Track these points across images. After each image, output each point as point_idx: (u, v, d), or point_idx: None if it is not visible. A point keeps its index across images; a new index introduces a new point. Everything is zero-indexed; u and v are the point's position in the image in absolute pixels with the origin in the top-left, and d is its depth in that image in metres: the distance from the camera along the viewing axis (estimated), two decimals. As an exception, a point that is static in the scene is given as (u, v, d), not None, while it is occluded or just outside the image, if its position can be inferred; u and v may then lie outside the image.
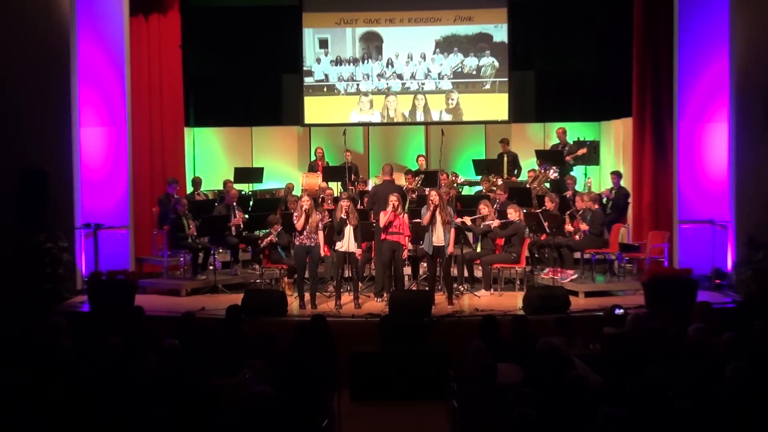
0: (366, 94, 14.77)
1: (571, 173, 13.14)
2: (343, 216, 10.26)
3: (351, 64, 14.76)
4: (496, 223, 11.16)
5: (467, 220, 11.16)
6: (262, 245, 11.29)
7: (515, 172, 13.65)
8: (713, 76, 11.68)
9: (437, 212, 10.32)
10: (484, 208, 11.27)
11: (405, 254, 10.69)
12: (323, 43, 14.74)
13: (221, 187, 13.05)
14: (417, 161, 13.93)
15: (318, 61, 14.74)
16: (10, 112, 11.03)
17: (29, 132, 11.09)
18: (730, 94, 11.39)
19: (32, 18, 11.09)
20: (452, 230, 10.45)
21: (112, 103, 12.13)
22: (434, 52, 14.70)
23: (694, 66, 11.80)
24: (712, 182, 11.76)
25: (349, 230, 10.33)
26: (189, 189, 13.05)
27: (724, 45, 11.43)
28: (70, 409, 5.95)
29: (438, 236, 10.35)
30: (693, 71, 11.81)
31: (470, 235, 11.51)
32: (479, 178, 13.47)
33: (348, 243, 10.34)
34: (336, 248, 10.43)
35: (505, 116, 14.61)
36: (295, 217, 10.41)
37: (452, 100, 14.69)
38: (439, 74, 14.70)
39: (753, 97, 11.11)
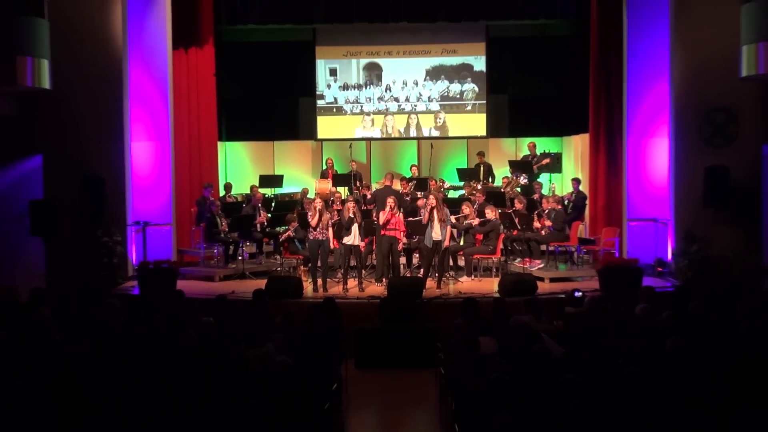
0: (368, 114, 14.73)
1: (538, 179, 13.13)
2: (350, 215, 10.26)
3: (356, 89, 14.72)
4: (476, 221, 11.15)
5: (452, 218, 11.15)
6: (281, 239, 11.29)
7: (490, 178, 13.63)
8: (656, 99, 11.68)
9: (435, 212, 10.30)
10: (466, 209, 11.27)
11: (401, 246, 10.68)
12: (333, 72, 14.71)
13: (248, 191, 13.02)
14: (410, 170, 13.90)
15: (328, 86, 14.71)
16: (74, 128, 11.08)
17: (89, 145, 11.13)
18: (670, 114, 11.39)
19: (92, 50, 11.15)
20: (448, 227, 10.43)
21: (158, 121, 12.12)
22: (425, 79, 14.66)
23: (640, 90, 11.82)
24: (654, 187, 11.76)
25: (355, 227, 10.33)
26: (221, 192, 13.02)
27: (665, 73, 11.43)
28: (121, 377, 5.95)
29: (436, 232, 10.34)
30: (639, 94, 11.82)
31: (455, 231, 11.50)
32: (462, 183, 13.45)
33: (354, 238, 10.34)
34: (343, 242, 10.43)
35: (483, 132, 14.58)
36: (309, 216, 10.40)
37: (440, 119, 14.66)
38: (429, 97, 14.67)
39: (689, 117, 11.14)
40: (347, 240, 10.38)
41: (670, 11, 11.22)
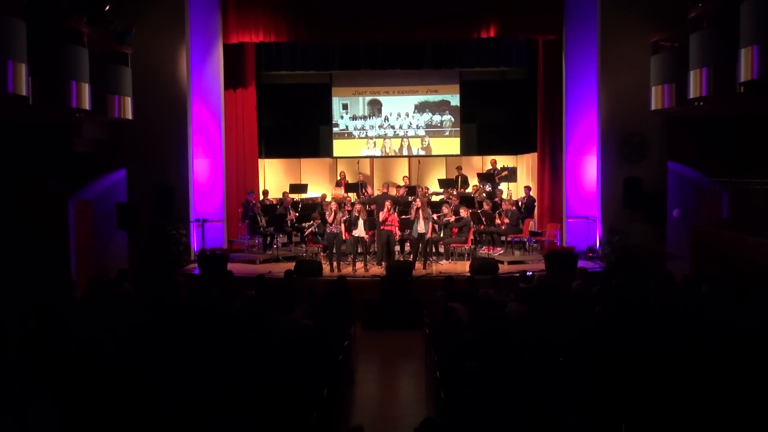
0: (371, 138, 14.68)
1: (499, 187, 13.10)
2: (357, 214, 10.24)
3: (362, 119, 14.67)
4: (452, 218, 11.12)
5: (434, 216, 11.12)
6: (307, 232, 11.27)
7: (465, 187, 13.59)
8: (587, 125, 11.66)
9: (420, 211, 10.31)
10: (445, 209, 11.22)
11: (397, 238, 10.64)
12: (345, 106, 14.66)
13: (281, 196, 12.99)
14: (402, 180, 13.86)
15: (341, 117, 14.65)
16: (150, 148, 11.04)
17: (162, 161, 11.09)
18: (598, 137, 11.37)
19: (164, 90, 11.11)
20: (430, 223, 10.42)
21: (213, 143, 12.09)
22: (414, 112, 14.60)
23: (575, 118, 11.80)
24: (587, 192, 11.74)
25: (361, 223, 10.31)
26: (261, 197, 12.98)
27: (594, 106, 11.41)
28: (186, 337, 5.93)
29: (421, 226, 10.33)
30: (575, 122, 11.80)
31: (436, 226, 11.47)
32: (442, 190, 13.42)
33: (361, 231, 10.32)
34: (353, 234, 10.41)
35: (458, 152, 14.52)
36: (327, 215, 10.40)
37: (425, 142, 14.61)
38: (417, 126, 14.61)
39: (612, 140, 11.12)
40: (356, 233, 10.37)
41: (597, 60, 11.21)
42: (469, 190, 13.49)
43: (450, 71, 14.06)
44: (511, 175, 13.35)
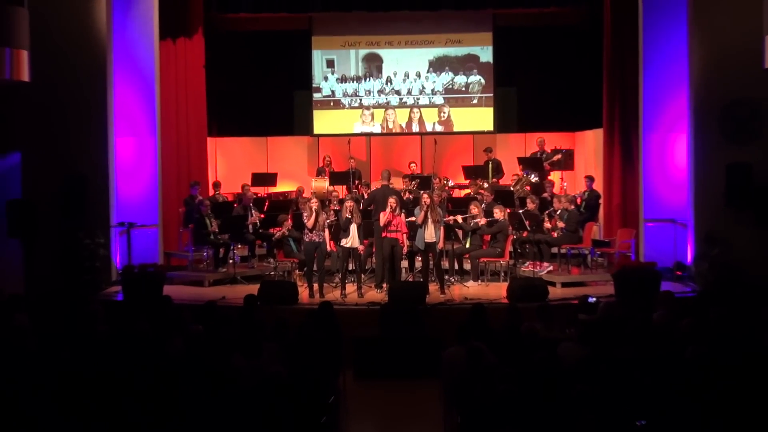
0: (368, 107, 14.72)
1: (549, 177, 13.11)
2: (348, 216, 10.24)
3: (355, 82, 14.71)
4: (483, 221, 11.12)
5: (459, 218, 11.13)
6: (275, 239, 11.27)
7: (499, 176, 13.60)
8: (674, 91, 11.64)
9: (428, 212, 10.28)
10: (474, 209, 11.24)
11: (404, 250, 10.62)
12: (330, 63, 14.70)
13: (239, 190, 13.01)
14: (409, 167, 13.89)
15: (325, 78, 14.69)
16: (54, 124, 11.02)
17: (70, 141, 11.08)
18: (689, 109, 11.34)
19: (74, 41, 11.08)
20: (441, 228, 10.41)
21: (144, 115, 12.09)
22: (428, 71, 14.65)
23: (657, 82, 11.79)
24: (673, 185, 11.73)
25: (353, 228, 10.31)
26: (211, 191, 12.99)
27: (684, 64, 11.38)
28: (104, 388, 5.90)
29: (429, 233, 10.31)
30: (656, 86, 11.79)
31: (460, 232, 11.47)
32: (467, 182, 13.42)
33: (352, 240, 10.31)
34: (341, 244, 10.40)
35: (490, 127, 14.57)
36: (305, 217, 10.38)
37: (444, 113, 14.64)
38: (433, 90, 14.66)
39: (709, 112, 11.09)
40: (345, 242, 10.35)
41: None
42: (507, 181, 13.51)
43: (479, 13, 14.11)
44: (565, 160, 13.37)
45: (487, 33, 14.41)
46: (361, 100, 14.72)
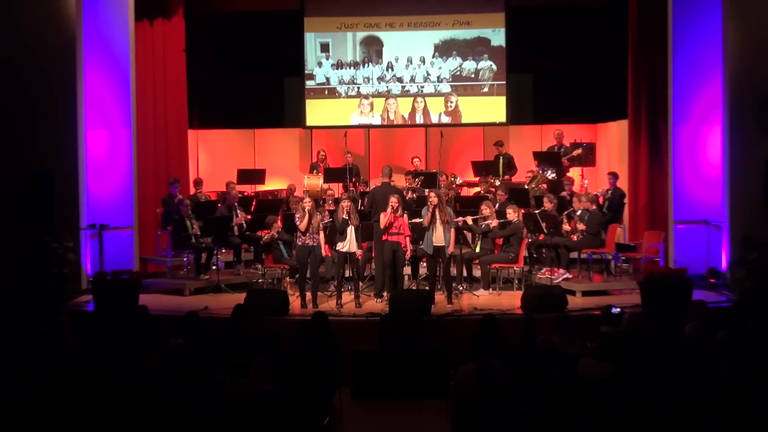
0: (366, 96, 14.73)
1: (568, 174, 13.12)
2: (344, 217, 10.23)
3: (352, 68, 14.72)
4: (494, 223, 11.12)
5: (469, 219, 11.14)
6: (264, 241, 11.28)
7: (511, 172, 13.61)
8: (707, 79, 11.65)
9: (436, 212, 10.27)
10: (486, 209, 11.23)
11: (408, 255, 10.62)
12: (324, 47, 14.71)
13: (224, 189, 13.02)
14: (411, 162, 13.90)
15: (319, 64, 14.71)
16: (17, 114, 11.01)
17: (36, 134, 11.07)
18: (723, 98, 11.35)
19: (38, 23, 11.07)
20: (452, 230, 10.40)
21: (117, 105, 12.10)
22: (433, 56, 14.67)
23: (688, 69, 11.80)
24: (706, 183, 11.75)
25: (351, 230, 10.30)
26: (192, 190, 13.01)
27: (717, 49, 11.39)
28: (75, 406, 5.91)
29: (438, 236, 10.30)
30: (687, 74, 11.81)
31: (469, 235, 11.48)
32: (477, 179, 13.43)
33: (349, 244, 10.31)
34: (337, 248, 10.39)
35: (503, 118, 14.59)
36: (297, 219, 10.38)
37: (451, 102, 14.66)
38: (438, 77, 14.68)
39: (746, 102, 11.10)
40: (341, 246, 10.35)
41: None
42: (521, 178, 13.53)
43: (490, -8, 14.15)
44: (586, 155, 13.38)
45: (499, 14, 14.43)
46: (358, 88, 14.73)
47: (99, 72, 11.94)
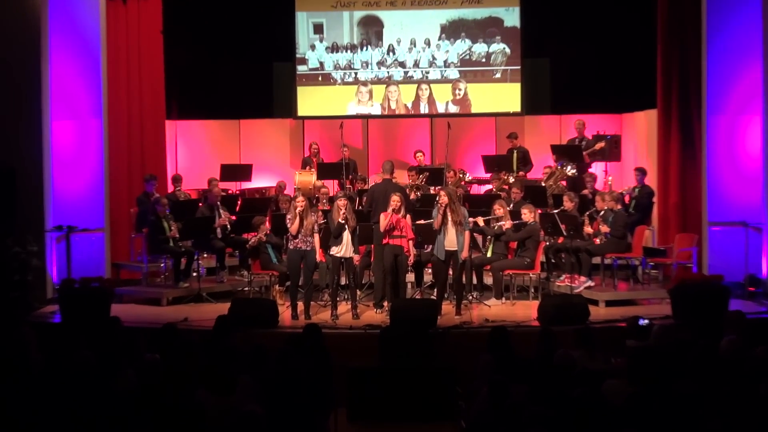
0: (365, 83, 14.74)
1: (591, 170, 13.12)
2: (341, 221, 10.21)
3: (348, 51, 14.73)
4: (508, 224, 11.12)
5: (480, 220, 11.14)
6: (250, 244, 11.28)
7: (526, 168, 13.62)
8: (745, 65, 11.66)
9: (448, 212, 10.23)
10: (499, 209, 11.23)
11: (410, 260, 10.61)
12: (318, 28, 14.72)
13: (205, 186, 13.03)
14: (414, 157, 13.89)
15: (312, 47, 14.72)
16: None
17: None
18: (763, 85, 11.35)
19: (-1, 1, 11.10)
20: (466, 232, 10.34)
21: (87, 93, 12.11)
22: (440, 38, 14.68)
23: (723, 53, 11.80)
24: (744, 180, 11.76)
25: (347, 233, 10.29)
26: (170, 187, 13.01)
27: (757, 31, 11.39)
28: (39, 429, 5.91)
29: (450, 239, 10.26)
30: (722, 59, 11.80)
31: (479, 238, 11.47)
32: (489, 175, 13.43)
33: (345, 248, 10.30)
34: (331, 253, 10.39)
35: (517, 107, 14.59)
36: (288, 220, 10.37)
37: (459, 90, 14.67)
38: (445, 62, 14.68)
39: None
40: (337, 251, 10.36)
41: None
42: (537, 174, 13.53)
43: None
44: (610, 149, 13.39)
45: (514, -9, 14.48)
46: (356, 74, 14.74)
47: (66, 56, 11.95)
